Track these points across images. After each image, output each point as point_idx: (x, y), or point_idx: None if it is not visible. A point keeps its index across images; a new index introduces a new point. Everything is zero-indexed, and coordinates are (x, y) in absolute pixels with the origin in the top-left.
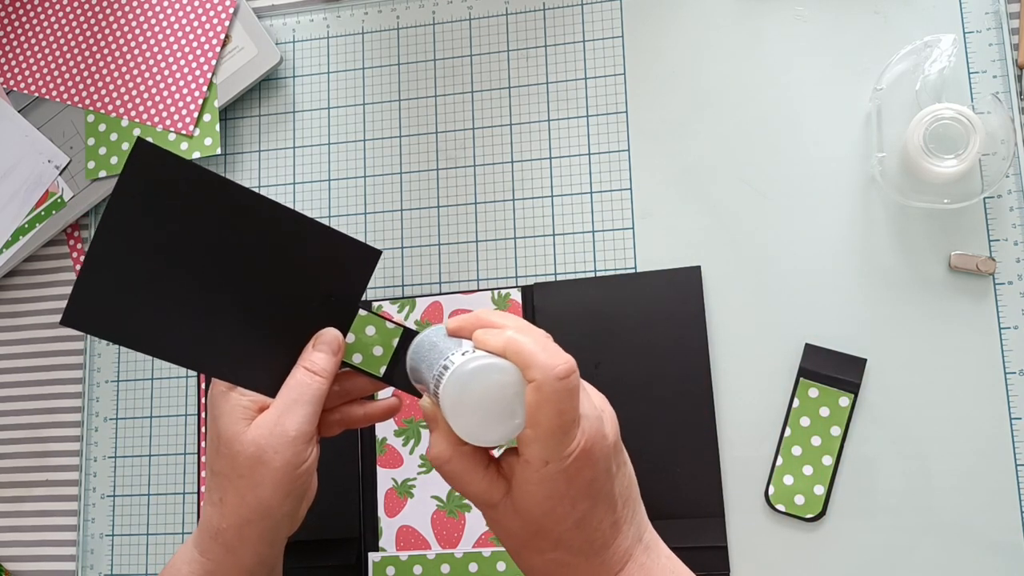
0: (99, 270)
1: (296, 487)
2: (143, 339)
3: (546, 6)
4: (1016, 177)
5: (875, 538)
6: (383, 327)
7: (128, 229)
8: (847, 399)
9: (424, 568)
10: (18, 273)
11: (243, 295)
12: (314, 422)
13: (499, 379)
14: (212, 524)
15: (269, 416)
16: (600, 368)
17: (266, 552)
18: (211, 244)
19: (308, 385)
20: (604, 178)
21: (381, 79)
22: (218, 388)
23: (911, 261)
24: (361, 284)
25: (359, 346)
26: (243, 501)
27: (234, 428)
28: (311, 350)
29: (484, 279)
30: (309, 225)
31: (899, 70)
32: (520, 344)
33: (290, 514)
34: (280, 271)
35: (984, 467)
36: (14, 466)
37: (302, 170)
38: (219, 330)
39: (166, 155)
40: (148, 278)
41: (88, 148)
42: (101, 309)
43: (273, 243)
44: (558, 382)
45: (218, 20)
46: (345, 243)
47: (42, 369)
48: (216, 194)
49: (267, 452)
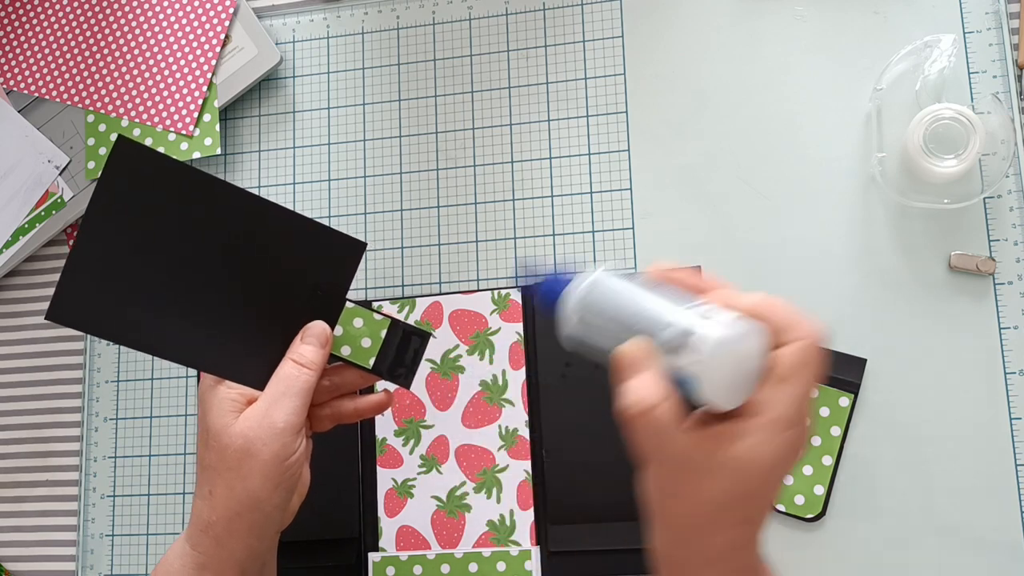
0: (83, 265)
1: (285, 479)
2: (129, 334)
3: (546, 6)
4: (1016, 177)
5: (875, 538)
6: (371, 319)
7: (111, 225)
8: (847, 399)
9: (424, 568)
10: (18, 273)
11: (229, 289)
12: (302, 414)
13: (756, 342)
14: (202, 517)
15: (257, 408)
16: (600, 368)
17: (256, 545)
18: (195, 239)
19: (296, 378)
20: (604, 178)
21: (381, 79)
22: (207, 382)
23: (911, 261)
24: (347, 276)
25: (347, 338)
26: (232, 493)
27: (222, 421)
28: (299, 343)
29: (484, 279)
30: (293, 219)
31: (899, 70)
32: (776, 306)
33: (280, 506)
34: (266, 265)
35: (984, 467)
36: (14, 466)
37: (302, 170)
38: (206, 324)
39: (147, 152)
40: (133, 273)
41: (88, 148)
42: (86, 304)
43: (258, 237)
44: (820, 345)
45: (218, 20)
46: (330, 236)
47: (42, 369)
48: (199, 190)
49: (255, 444)
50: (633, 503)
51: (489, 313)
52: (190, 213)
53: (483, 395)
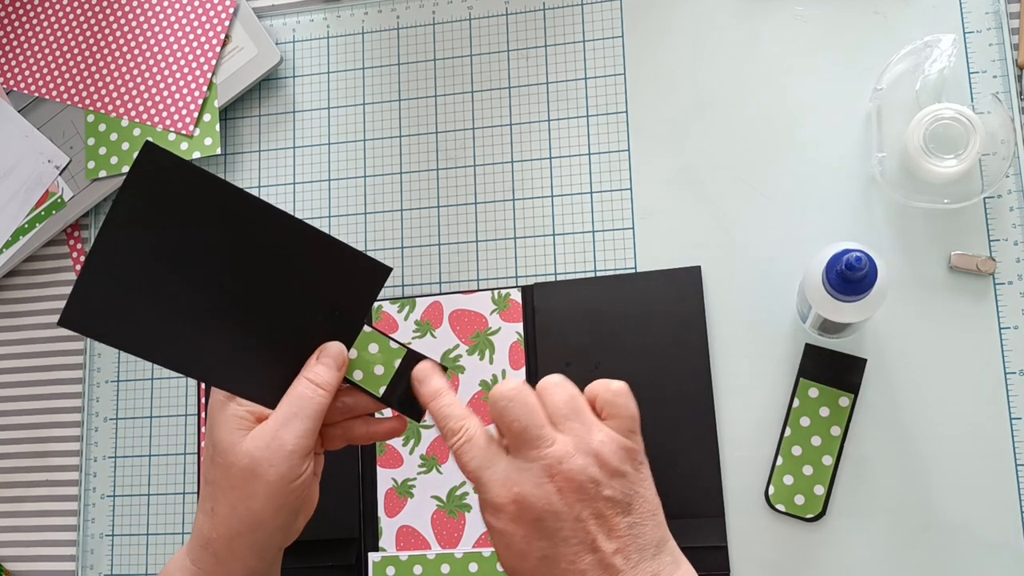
0: (100, 272)
1: (289, 501)
2: (141, 344)
3: (546, 6)
4: (1016, 177)
5: (875, 538)
6: (387, 346)
7: (132, 231)
8: (847, 399)
9: (424, 568)
10: (18, 273)
11: (246, 304)
12: (313, 437)
13: None
14: (203, 533)
15: (267, 428)
16: (600, 368)
17: (257, 564)
18: (216, 250)
19: (310, 399)
20: (604, 178)
21: (381, 79)
22: (217, 397)
23: (911, 261)
24: (368, 300)
25: (360, 363)
26: (234, 512)
27: (230, 438)
28: (315, 362)
29: (484, 279)
30: (319, 237)
31: (899, 70)
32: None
33: (283, 528)
34: (285, 281)
35: (984, 467)
36: (14, 466)
37: (302, 170)
38: (219, 338)
39: (174, 159)
40: (149, 282)
41: (88, 148)
42: (100, 311)
43: (280, 253)
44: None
45: (218, 20)
46: (355, 258)
47: (42, 369)
48: (224, 200)
49: (262, 465)
50: None
51: (489, 313)
52: (213, 223)
53: (483, 395)
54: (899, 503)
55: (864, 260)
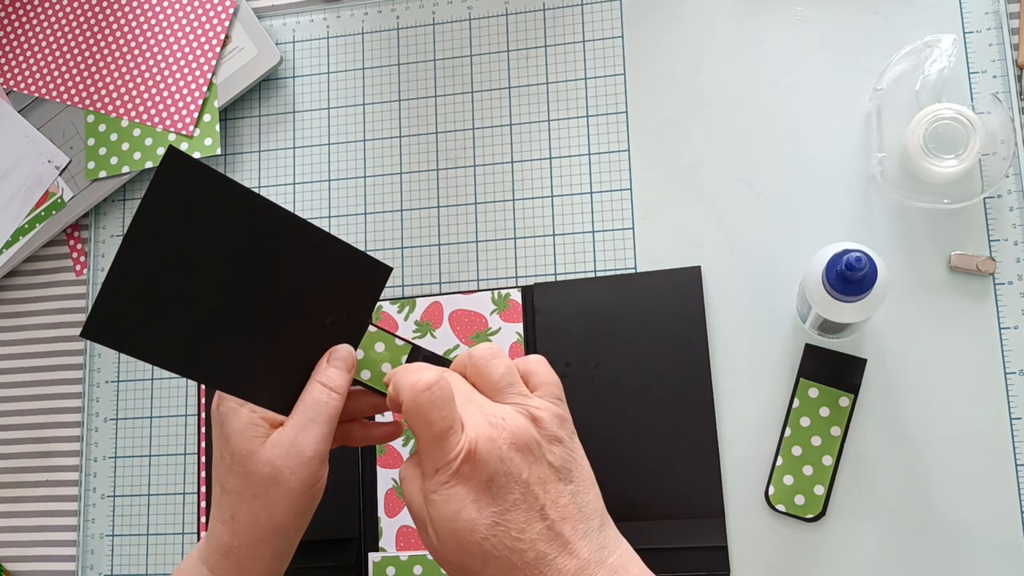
0: (124, 281)
1: (310, 506)
2: (163, 354)
3: (546, 6)
4: (1016, 177)
5: (875, 538)
6: (392, 344)
7: (153, 241)
8: (847, 399)
9: (424, 568)
10: (18, 273)
11: (260, 310)
12: (329, 441)
13: None
14: (223, 541)
15: (285, 435)
16: (600, 368)
17: (277, 568)
18: (234, 257)
19: (325, 404)
20: (604, 178)
21: (381, 79)
22: (228, 404)
23: (911, 261)
24: (372, 300)
25: (368, 362)
26: (256, 520)
27: (248, 447)
28: (326, 365)
29: (484, 279)
30: (327, 239)
31: (899, 70)
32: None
33: (302, 531)
34: (296, 286)
35: (984, 467)
36: (14, 466)
37: (302, 170)
38: (235, 346)
39: (197, 166)
40: (169, 291)
41: (88, 148)
42: (122, 322)
43: (293, 257)
44: (420, 395)
45: (218, 20)
46: (357, 258)
47: (42, 369)
48: (242, 206)
49: (283, 472)
50: (633, 503)
51: (489, 313)
52: (233, 230)
53: None
54: (899, 503)
55: (864, 260)
